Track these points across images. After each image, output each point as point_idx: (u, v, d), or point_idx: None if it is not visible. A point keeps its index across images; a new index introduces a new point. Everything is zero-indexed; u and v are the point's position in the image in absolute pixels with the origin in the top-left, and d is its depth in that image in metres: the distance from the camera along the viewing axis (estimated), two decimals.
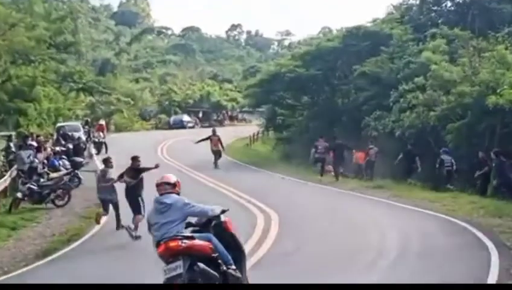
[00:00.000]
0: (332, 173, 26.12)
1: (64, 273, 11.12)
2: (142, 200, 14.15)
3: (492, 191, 19.15)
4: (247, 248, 10.93)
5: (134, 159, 14.74)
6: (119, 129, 56.42)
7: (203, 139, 29.76)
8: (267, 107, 39.92)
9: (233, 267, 7.30)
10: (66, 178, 20.70)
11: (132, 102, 60.07)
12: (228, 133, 55.74)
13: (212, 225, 7.56)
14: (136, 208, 14.20)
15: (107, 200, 15.13)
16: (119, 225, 14.95)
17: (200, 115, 72.99)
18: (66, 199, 19.78)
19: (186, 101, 70.57)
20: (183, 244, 7.09)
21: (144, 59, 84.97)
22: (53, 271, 11.55)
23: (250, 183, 23.26)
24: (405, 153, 23.76)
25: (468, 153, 21.66)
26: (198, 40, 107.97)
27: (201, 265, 7.00)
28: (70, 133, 33.09)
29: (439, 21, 31.61)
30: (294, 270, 9.36)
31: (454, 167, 21.56)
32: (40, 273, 11.48)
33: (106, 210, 15.25)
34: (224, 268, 7.18)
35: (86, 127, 38.93)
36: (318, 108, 33.92)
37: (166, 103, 68.83)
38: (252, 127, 53.19)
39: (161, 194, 7.58)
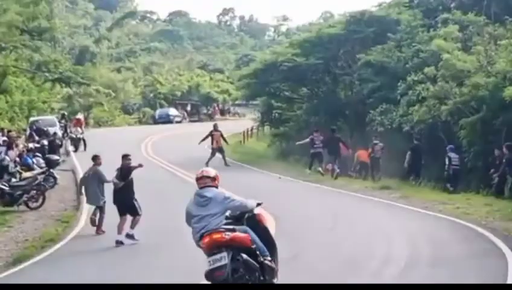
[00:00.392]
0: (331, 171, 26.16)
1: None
2: (136, 200, 14.62)
3: (509, 192, 19.17)
4: None
5: (125, 157, 14.97)
6: (98, 124, 56.38)
7: (205, 138, 29.76)
8: (262, 99, 39.83)
9: (269, 258, 8.40)
10: (40, 178, 20.59)
11: (113, 94, 59.96)
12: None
13: (245, 217, 8.62)
14: (133, 210, 14.54)
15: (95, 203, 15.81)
16: (100, 228, 15.43)
17: (188, 108, 72.97)
18: (40, 200, 19.73)
19: (173, 93, 70.53)
20: (226, 237, 8.21)
21: (126, 47, 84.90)
22: (25, 280, 11.49)
23: (244, 184, 23.27)
24: (412, 149, 23.81)
25: (483, 150, 21.68)
26: (186, 26, 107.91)
27: (244, 256, 8.15)
28: (45, 128, 33.06)
29: (452, 5, 31.57)
30: (290, 281, 9.36)
31: (469, 164, 21.72)
32: (11, 282, 11.40)
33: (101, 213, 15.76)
34: (261, 259, 8.30)
35: (63, 121, 38.88)
36: (318, 101, 33.91)
37: (151, 95, 68.81)
38: (245, 121, 53.15)
39: (201, 188, 8.63)
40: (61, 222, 17.51)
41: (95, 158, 16.17)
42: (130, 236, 14.30)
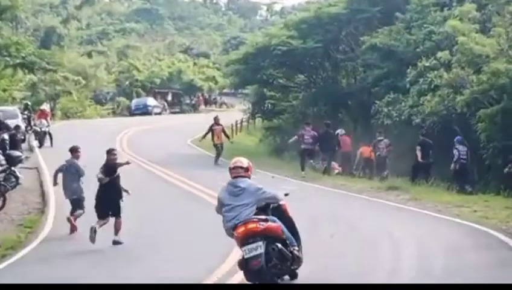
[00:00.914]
0: (336, 171, 26.12)
1: None
2: (122, 201, 15.04)
3: None
4: (224, 268, 11.33)
5: (110, 152, 15.31)
6: (67, 115, 56.19)
7: (205, 134, 29.84)
8: (253, 88, 39.87)
9: (297, 248, 9.86)
10: (0, 177, 20.51)
11: (83, 82, 59.80)
12: (204, 121, 55.49)
13: (270, 207, 9.96)
14: (117, 211, 14.87)
15: (75, 199, 16.21)
16: (74, 222, 15.85)
17: (169, 98, 72.89)
18: (0, 202, 19.61)
19: (152, 80, 70.51)
20: (261, 226, 9.54)
21: (98, 28, 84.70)
22: None
23: None
24: (420, 145, 23.95)
25: (503, 146, 21.70)
26: (166, 4, 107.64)
27: (279, 245, 9.53)
28: (5, 121, 32.82)
29: None
30: None
31: (487, 161, 21.86)
32: None
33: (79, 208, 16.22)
34: (291, 249, 9.71)
35: (26, 112, 38.69)
36: (317, 90, 33.99)
37: (127, 82, 68.79)
38: (234, 113, 53.05)
39: (234, 177, 10.06)
40: (24, 227, 17.40)
41: (74, 150, 16.50)
42: (116, 242, 14.63)
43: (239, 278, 10.15)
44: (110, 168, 15.03)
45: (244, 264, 9.51)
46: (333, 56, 33.84)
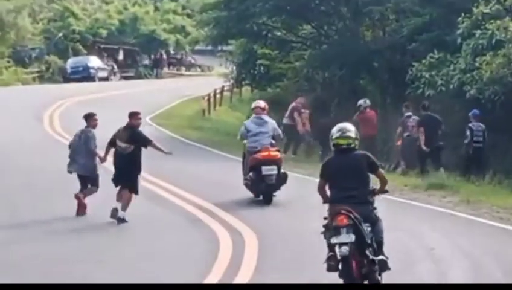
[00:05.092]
0: None
1: None
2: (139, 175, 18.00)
3: None
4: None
5: (133, 116, 18.06)
6: None
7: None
8: (240, 43, 39.93)
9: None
10: None
11: None
12: (169, 90, 55.15)
13: None
14: (134, 185, 17.73)
15: (85, 176, 18.62)
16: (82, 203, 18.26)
17: (120, 56, 72.72)
18: None
19: (95, 32, 70.36)
20: (278, 155, 20.31)
21: None
22: None
23: (208, 179, 23.51)
24: (423, 124, 24.70)
25: None
26: None
27: (286, 172, 20.56)
28: None
29: None
30: None
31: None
32: None
33: (86, 187, 18.66)
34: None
35: None
36: (330, 46, 33.95)
37: (60, 35, 68.62)
38: (211, 79, 53.02)
39: (257, 114, 20.16)
40: None
41: (89, 117, 18.83)
42: (120, 219, 17.31)
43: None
44: (132, 135, 17.72)
45: (261, 181, 19.44)
46: None
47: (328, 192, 11.87)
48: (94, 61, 65.45)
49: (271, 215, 18.66)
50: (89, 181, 18.62)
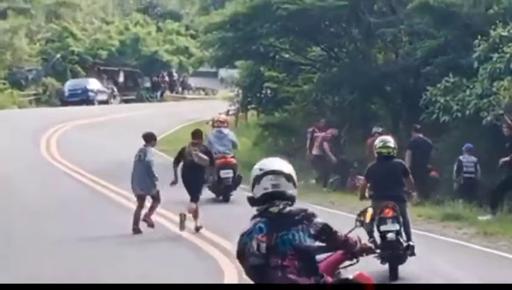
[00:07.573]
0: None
1: None
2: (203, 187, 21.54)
3: None
4: None
5: (196, 135, 21.50)
6: None
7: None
8: (246, 66, 40.05)
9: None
10: None
11: None
12: (172, 114, 55.13)
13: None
14: (194, 193, 20.50)
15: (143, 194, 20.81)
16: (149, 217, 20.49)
17: (121, 79, 72.91)
18: None
19: (95, 53, 70.63)
20: (233, 160, 26.15)
21: None
22: None
23: (212, 207, 23.70)
24: (413, 147, 25.80)
25: None
26: None
27: (240, 175, 25.54)
28: None
29: None
30: None
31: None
32: None
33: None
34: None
35: None
36: (340, 69, 33.98)
37: (58, 56, 68.84)
38: (215, 103, 53.11)
39: (218, 127, 26.58)
40: None
41: (149, 137, 21.21)
42: (198, 228, 20.21)
43: None
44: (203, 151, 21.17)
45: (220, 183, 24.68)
46: (365, 19, 33.49)
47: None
48: (93, 84, 65.97)
49: None
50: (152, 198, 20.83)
